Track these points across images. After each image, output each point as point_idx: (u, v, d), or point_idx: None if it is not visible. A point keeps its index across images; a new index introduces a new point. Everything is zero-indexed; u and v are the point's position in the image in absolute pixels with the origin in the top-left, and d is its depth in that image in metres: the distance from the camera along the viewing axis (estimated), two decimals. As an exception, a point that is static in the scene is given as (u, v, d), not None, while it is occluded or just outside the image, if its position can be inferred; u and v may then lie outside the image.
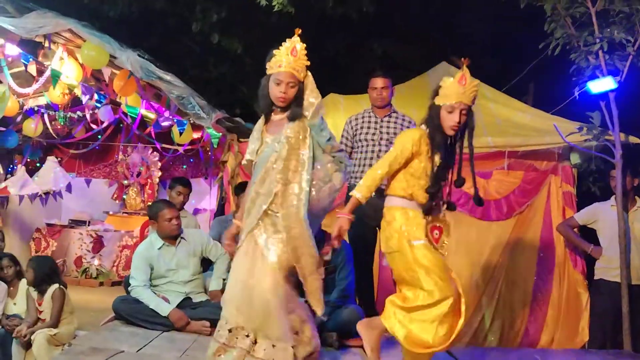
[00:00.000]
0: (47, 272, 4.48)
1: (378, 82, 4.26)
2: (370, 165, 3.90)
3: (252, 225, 2.89)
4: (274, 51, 2.90)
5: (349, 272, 3.99)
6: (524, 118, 5.36)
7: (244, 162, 3.14)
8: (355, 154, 4.33)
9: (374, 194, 2.97)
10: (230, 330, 2.82)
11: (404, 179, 2.87)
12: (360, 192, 2.82)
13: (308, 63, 2.92)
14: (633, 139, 4.75)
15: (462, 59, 2.79)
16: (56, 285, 4.45)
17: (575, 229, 4.80)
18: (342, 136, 4.42)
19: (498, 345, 4.79)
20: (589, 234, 4.76)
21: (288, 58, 2.87)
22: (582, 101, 4.72)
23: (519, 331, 4.96)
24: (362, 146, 4.28)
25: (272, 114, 3.01)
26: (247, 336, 2.79)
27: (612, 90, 4.42)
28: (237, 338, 2.80)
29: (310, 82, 2.96)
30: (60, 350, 4.22)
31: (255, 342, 2.80)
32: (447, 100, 2.79)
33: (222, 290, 4.04)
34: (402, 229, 2.84)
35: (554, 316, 4.93)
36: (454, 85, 2.78)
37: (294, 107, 2.93)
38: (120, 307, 3.94)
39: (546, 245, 5.05)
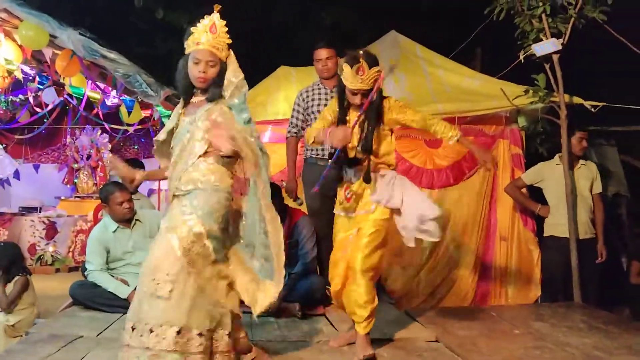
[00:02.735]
0: (15, 260, 4.42)
1: (322, 53, 4.23)
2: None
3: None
4: (192, 28, 2.67)
5: (313, 246, 4.11)
6: (472, 84, 5.42)
7: (155, 141, 2.88)
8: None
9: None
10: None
11: None
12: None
13: (229, 41, 2.70)
14: (577, 100, 4.87)
15: (360, 52, 2.93)
16: (23, 274, 4.39)
17: (523, 189, 4.93)
18: (294, 110, 4.40)
19: (451, 305, 4.88)
20: (536, 194, 4.91)
21: (207, 35, 2.64)
22: (528, 64, 4.84)
23: (471, 290, 5.06)
24: (314, 119, 4.25)
25: (193, 96, 2.76)
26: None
27: (556, 53, 4.54)
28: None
29: (232, 62, 2.72)
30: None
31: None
32: (349, 85, 2.97)
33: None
34: None
35: (506, 274, 5.07)
36: (353, 76, 2.92)
37: (213, 88, 2.69)
38: (78, 292, 3.89)
39: (495, 208, 5.15)
